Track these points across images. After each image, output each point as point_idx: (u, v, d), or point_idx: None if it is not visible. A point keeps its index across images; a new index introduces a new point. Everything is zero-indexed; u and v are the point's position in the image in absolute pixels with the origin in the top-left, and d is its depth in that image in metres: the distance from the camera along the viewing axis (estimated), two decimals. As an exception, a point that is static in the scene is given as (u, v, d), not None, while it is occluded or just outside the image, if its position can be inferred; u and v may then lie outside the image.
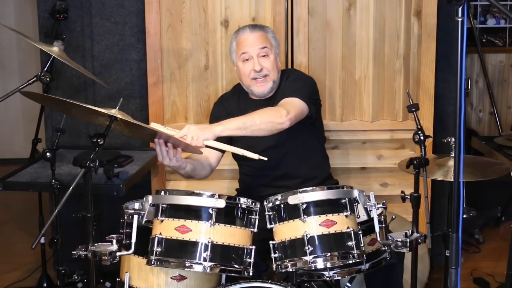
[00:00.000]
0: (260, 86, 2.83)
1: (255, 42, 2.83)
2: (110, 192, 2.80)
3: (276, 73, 2.84)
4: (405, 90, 3.42)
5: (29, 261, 3.82)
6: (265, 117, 2.59)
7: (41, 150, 2.93)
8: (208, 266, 2.22)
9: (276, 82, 2.85)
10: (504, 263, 3.22)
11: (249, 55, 2.82)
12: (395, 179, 3.49)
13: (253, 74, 2.81)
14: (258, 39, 2.83)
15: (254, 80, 2.82)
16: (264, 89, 2.84)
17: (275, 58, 2.86)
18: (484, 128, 5.08)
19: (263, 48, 2.81)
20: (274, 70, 2.83)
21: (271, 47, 2.85)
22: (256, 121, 2.56)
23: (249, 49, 2.82)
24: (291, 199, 2.30)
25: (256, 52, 2.81)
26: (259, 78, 2.81)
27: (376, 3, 3.40)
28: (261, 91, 2.84)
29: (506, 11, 1.85)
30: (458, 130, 1.88)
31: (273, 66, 2.83)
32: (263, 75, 2.81)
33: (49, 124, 3.53)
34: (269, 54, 2.83)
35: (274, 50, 2.87)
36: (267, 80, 2.82)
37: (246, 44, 2.83)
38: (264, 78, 2.82)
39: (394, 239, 2.44)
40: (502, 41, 5.11)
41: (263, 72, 2.81)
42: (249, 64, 2.82)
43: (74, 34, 3.46)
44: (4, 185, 2.89)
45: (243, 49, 2.83)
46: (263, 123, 2.57)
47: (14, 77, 5.98)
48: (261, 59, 2.81)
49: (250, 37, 2.83)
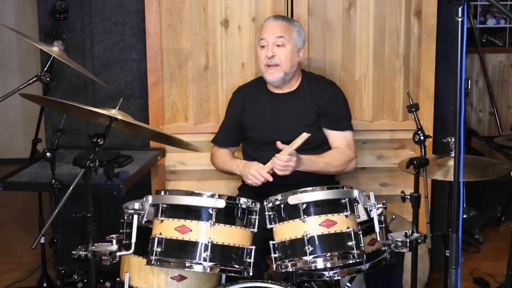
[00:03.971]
0: (270, 73, 2.94)
1: (274, 30, 2.93)
2: (110, 192, 2.80)
3: (289, 65, 2.92)
4: (405, 90, 3.42)
5: (29, 261, 3.82)
6: (339, 165, 2.93)
7: (41, 150, 2.92)
8: (208, 266, 2.23)
9: (289, 74, 2.94)
10: (504, 263, 3.22)
11: (266, 42, 2.93)
12: (395, 179, 3.49)
13: (266, 60, 2.91)
14: (278, 28, 2.93)
15: (266, 67, 2.93)
16: (274, 78, 2.94)
17: (292, 51, 2.93)
18: (484, 128, 5.08)
19: (280, 38, 2.90)
20: (287, 62, 2.91)
21: (289, 38, 2.93)
22: (331, 169, 2.92)
23: (266, 36, 2.93)
24: (291, 199, 2.31)
25: (273, 40, 2.91)
26: (270, 64, 2.91)
27: (376, 3, 3.40)
28: (270, 79, 2.95)
29: (506, 11, 1.85)
30: (458, 130, 1.88)
31: (286, 58, 2.91)
32: (275, 63, 2.91)
33: (49, 124, 3.53)
34: (286, 45, 2.91)
35: (293, 42, 2.94)
36: (278, 70, 2.92)
37: (265, 31, 2.95)
38: (275, 66, 2.91)
39: (394, 239, 2.44)
40: (502, 41, 5.11)
41: (274, 60, 2.90)
42: (264, 51, 2.93)
43: (74, 34, 3.46)
44: (4, 185, 2.89)
45: (262, 35, 2.96)
46: (336, 168, 2.94)
47: (14, 77, 5.98)
48: (276, 47, 2.91)
49: (271, 25, 2.95)
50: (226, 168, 3.05)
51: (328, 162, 2.91)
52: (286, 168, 2.74)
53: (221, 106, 3.47)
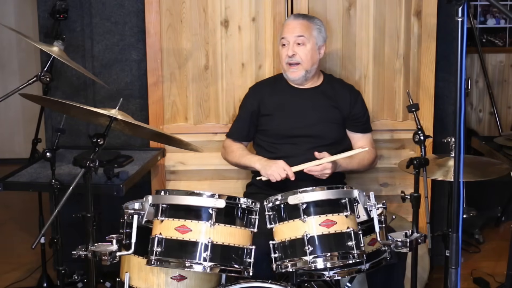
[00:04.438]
0: (292, 72, 3.01)
1: (294, 29, 2.98)
2: (110, 192, 2.80)
3: (310, 63, 2.99)
4: (405, 90, 3.42)
5: (29, 261, 3.82)
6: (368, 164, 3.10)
7: (41, 150, 2.92)
8: (208, 266, 2.23)
9: (310, 72, 3.02)
10: (504, 263, 3.22)
11: (286, 41, 2.99)
12: (395, 179, 3.49)
13: (287, 59, 2.97)
14: (298, 27, 2.99)
15: (288, 65, 3.00)
16: (295, 76, 3.01)
17: (313, 49, 2.99)
18: (484, 128, 5.08)
19: (300, 36, 2.96)
20: (308, 60, 2.98)
21: (309, 36, 2.98)
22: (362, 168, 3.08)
23: (287, 35, 2.99)
24: (291, 199, 2.31)
25: (293, 39, 2.97)
26: (291, 63, 2.98)
27: (376, 3, 3.40)
28: (292, 77, 3.03)
29: (506, 11, 1.86)
30: (458, 130, 1.88)
31: (307, 56, 2.98)
32: (295, 62, 2.97)
33: (49, 124, 3.53)
34: (306, 44, 2.97)
35: (313, 40, 2.99)
36: (299, 68, 2.99)
37: (286, 30, 3.01)
38: (296, 65, 2.98)
39: (394, 239, 2.44)
40: (502, 41, 5.11)
41: (295, 59, 2.97)
42: (285, 49, 2.99)
43: (74, 34, 3.46)
44: (4, 185, 2.88)
45: (283, 34, 3.02)
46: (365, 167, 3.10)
47: (14, 77, 5.98)
48: (296, 46, 2.97)
49: (292, 24, 3.01)
50: (242, 162, 3.07)
51: (360, 161, 3.04)
52: (323, 173, 2.84)
53: (221, 106, 3.47)
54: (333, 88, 3.14)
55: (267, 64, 3.43)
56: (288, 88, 3.11)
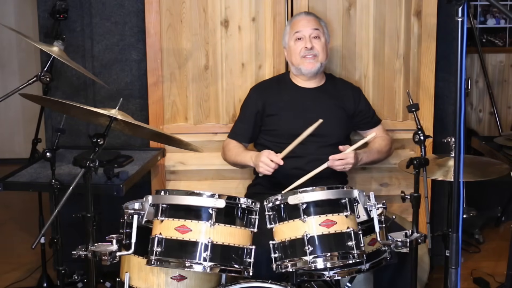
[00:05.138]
0: (309, 63, 3.06)
1: (309, 23, 3.08)
2: (110, 192, 2.80)
3: (325, 56, 3.08)
4: (405, 90, 3.42)
5: (29, 261, 3.82)
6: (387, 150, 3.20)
7: (41, 150, 2.92)
8: (208, 266, 2.22)
9: (323, 65, 3.10)
10: (504, 263, 3.22)
11: (302, 34, 3.05)
12: (395, 179, 3.49)
13: (303, 51, 3.03)
14: (312, 22, 3.08)
15: (303, 58, 3.05)
16: (312, 67, 3.06)
17: (326, 44, 3.09)
18: (484, 128, 5.08)
19: (316, 30, 3.05)
20: (323, 52, 3.07)
21: (323, 32, 3.08)
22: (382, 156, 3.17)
23: (302, 29, 3.06)
24: (291, 199, 2.30)
25: (309, 32, 3.05)
26: (308, 55, 3.03)
27: (376, 3, 3.40)
28: (309, 69, 3.06)
29: (506, 11, 1.86)
30: (458, 130, 1.88)
31: (323, 49, 3.06)
32: (313, 54, 3.04)
33: (49, 124, 3.53)
34: (321, 37, 3.07)
35: (325, 36, 3.09)
36: (316, 60, 3.06)
37: (300, 25, 3.08)
38: (313, 56, 3.04)
39: (394, 239, 2.44)
40: (502, 41, 5.11)
41: (313, 51, 3.04)
42: (301, 43, 3.05)
43: (74, 34, 3.46)
44: (4, 185, 2.88)
45: (297, 28, 3.08)
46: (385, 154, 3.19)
47: (14, 77, 5.98)
48: (313, 39, 3.04)
49: (305, 19, 3.09)
50: (238, 160, 3.10)
51: (379, 149, 3.14)
52: (345, 165, 2.89)
53: (221, 106, 3.47)
54: (336, 87, 3.18)
55: (267, 64, 3.43)
56: (294, 88, 3.13)
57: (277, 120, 3.09)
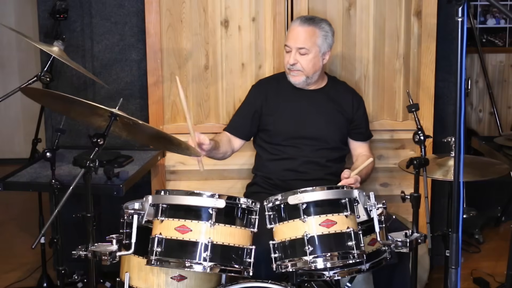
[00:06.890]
0: (292, 76, 3.04)
1: (298, 38, 2.98)
2: (110, 192, 2.80)
3: (312, 71, 3.02)
4: (405, 90, 3.42)
5: (29, 261, 3.82)
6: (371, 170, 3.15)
7: (41, 150, 2.92)
8: (208, 266, 2.22)
9: (311, 77, 3.04)
10: (504, 263, 3.21)
11: (289, 48, 3.00)
12: (395, 179, 3.49)
13: (288, 65, 3.00)
14: (302, 35, 2.98)
15: (289, 70, 3.03)
16: (296, 81, 3.04)
17: (315, 57, 3.00)
18: (484, 128, 5.08)
19: (302, 48, 2.97)
20: (309, 68, 3.00)
21: (312, 46, 2.97)
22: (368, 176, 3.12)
23: (290, 43, 3.00)
24: (291, 199, 2.30)
25: (295, 48, 2.98)
26: (292, 70, 3.00)
27: (376, 3, 3.40)
28: (293, 81, 3.06)
29: (506, 11, 1.85)
30: (458, 130, 1.88)
31: (308, 65, 2.99)
32: (296, 69, 3.00)
33: (49, 124, 3.53)
34: (308, 54, 2.98)
35: (317, 49, 2.99)
36: (300, 74, 3.02)
37: (290, 37, 3.02)
38: (297, 71, 3.01)
39: (394, 239, 2.44)
40: (502, 41, 5.11)
41: (296, 67, 3.00)
42: (288, 56, 3.01)
43: (74, 34, 3.46)
44: (4, 185, 2.88)
45: (286, 40, 3.03)
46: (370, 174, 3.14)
47: (14, 77, 5.98)
48: (298, 55, 2.98)
49: (296, 31, 3.00)
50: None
51: (366, 172, 3.06)
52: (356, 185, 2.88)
53: (221, 106, 3.47)
54: (337, 91, 3.15)
55: (267, 64, 3.43)
56: (292, 89, 3.11)
57: (273, 120, 3.08)
